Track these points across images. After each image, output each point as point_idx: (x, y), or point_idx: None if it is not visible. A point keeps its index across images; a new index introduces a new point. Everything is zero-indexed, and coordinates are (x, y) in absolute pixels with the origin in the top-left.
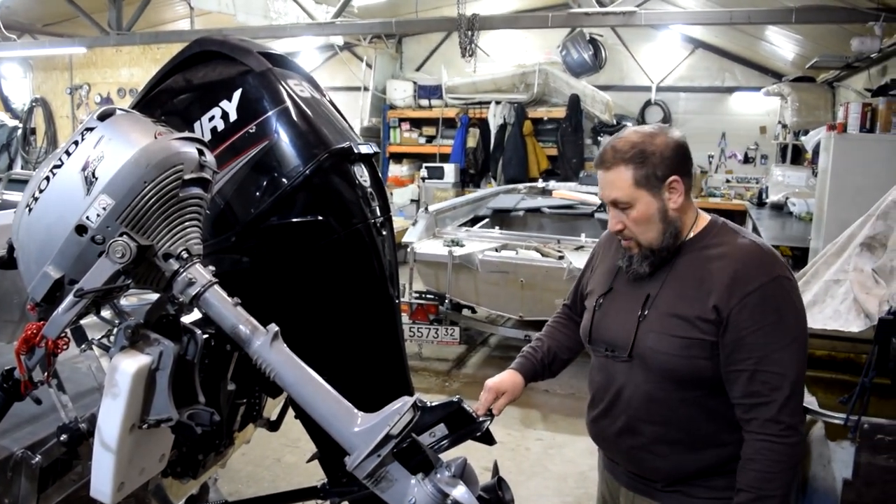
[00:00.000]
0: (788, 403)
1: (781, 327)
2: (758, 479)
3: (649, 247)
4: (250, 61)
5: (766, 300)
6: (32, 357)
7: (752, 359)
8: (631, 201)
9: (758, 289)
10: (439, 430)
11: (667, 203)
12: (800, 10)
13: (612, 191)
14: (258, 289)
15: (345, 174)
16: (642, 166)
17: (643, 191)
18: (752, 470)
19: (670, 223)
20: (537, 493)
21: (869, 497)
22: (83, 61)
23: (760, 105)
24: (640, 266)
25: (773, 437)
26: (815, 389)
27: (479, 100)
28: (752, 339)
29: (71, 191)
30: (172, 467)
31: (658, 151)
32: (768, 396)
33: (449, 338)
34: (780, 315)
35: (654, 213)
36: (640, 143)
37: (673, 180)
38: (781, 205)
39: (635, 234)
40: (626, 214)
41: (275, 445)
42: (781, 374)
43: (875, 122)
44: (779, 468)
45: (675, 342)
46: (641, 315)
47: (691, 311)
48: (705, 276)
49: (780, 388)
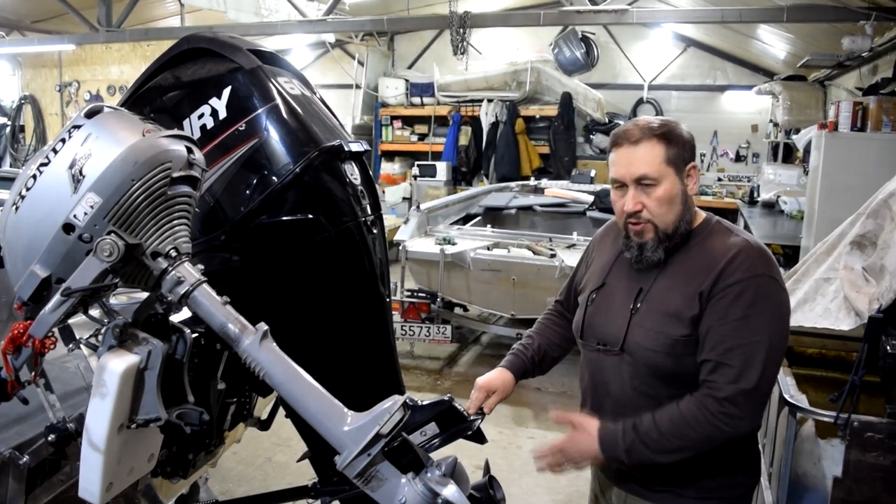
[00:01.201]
0: (742, 397)
1: (751, 323)
2: (665, 429)
3: (666, 231)
4: (240, 58)
5: (742, 295)
6: (19, 357)
7: (716, 350)
8: (659, 178)
9: (737, 283)
10: (430, 429)
11: (686, 188)
12: (791, 9)
13: (639, 166)
14: (248, 287)
15: (335, 172)
16: (673, 144)
17: (671, 169)
18: (668, 419)
19: (687, 210)
20: (529, 492)
21: (859, 494)
22: (72, 58)
23: (752, 103)
24: (655, 253)
25: (706, 410)
26: (805, 387)
27: (471, 98)
28: (721, 331)
29: (58, 189)
30: (162, 467)
31: (682, 135)
32: (722, 386)
33: (440, 336)
34: (754, 311)
35: (678, 194)
36: (667, 123)
37: (692, 166)
38: (773, 203)
39: (655, 215)
40: (648, 193)
41: (265, 445)
42: (741, 370)
43: (866, 121)
44: (691, 437)
45: (661, 339)
46: (633, 308)
47: (679, 307)
48: (696, 272)
49: (735, 381)
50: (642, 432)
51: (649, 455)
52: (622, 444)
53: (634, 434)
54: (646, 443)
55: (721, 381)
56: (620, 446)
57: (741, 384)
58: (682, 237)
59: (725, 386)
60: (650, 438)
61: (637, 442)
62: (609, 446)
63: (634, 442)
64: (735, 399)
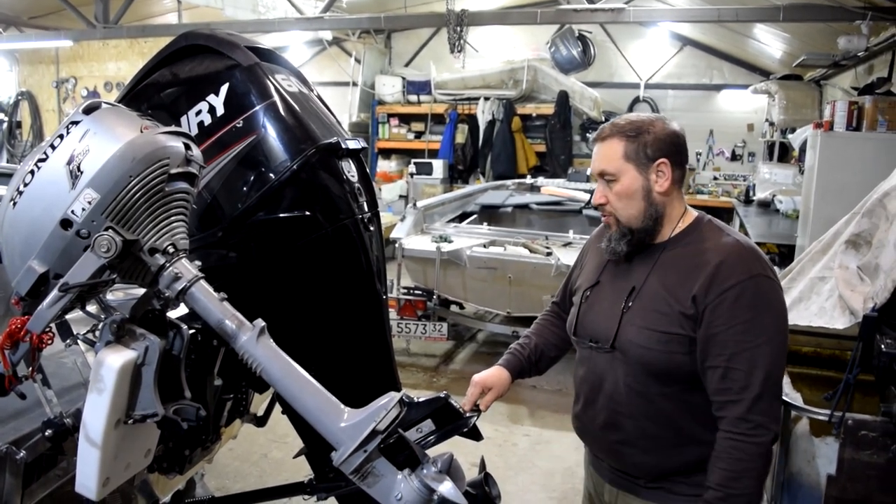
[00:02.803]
0: (758, 403)
1: (755, 326)
2: (725, 478)
3: (628, 225)
4: (238, 55)
5: (741, 297)
6: (17, 352)
7: (723, 355)
8: (617, 173)
9: (735, 286)
10: (426, 426)
11: (652, 184)
12: (787, 9)
13: (601, 162)
14: (245, 284)
15: (332, 169)
16: (634, 140)
17: (630, 165)
18: (720, 468)
19: (653, 205)
20: (524, 489)
21: (853, 492)
22: (70, 55)
23: (748, 103)
24: (618, 244)
25: (741, 436)
26: (800, 386)
27: (467, 96)
28: (725, 336)
29: (56, 185)
30: (158, 462)
31: (653, 132)
32: (738, 395)
33: (437, 334)
34: (755, 313)
35: (638, 189)
36: (637, 122)
37: (661, 162)
38: (768, 202)
39: (616, 209)
40: (610, 188)
41: (262, 441)
42: (751, 373)
43: (861, 121)
44: (746, 466)
45: (654, 336)
46: (625, 306)
47: (672, 305)
48: (688, 271)
49: (749, 386)
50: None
51: None
52: None
53: None
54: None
55: (733, 392)
56: None
57: (752, 391)
58: (647, 233)
59: (738, 400)
60: (726, 494)
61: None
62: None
63: None
64: (752, 408)
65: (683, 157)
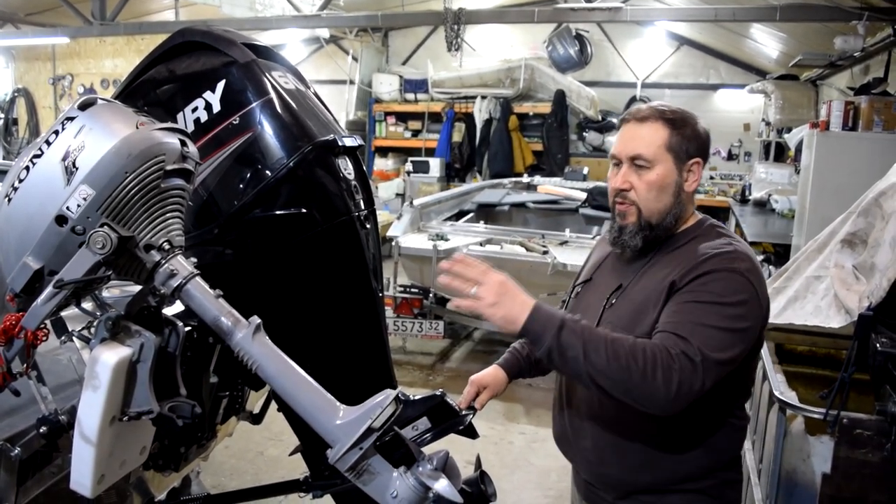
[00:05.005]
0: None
1: (717, 309)
2: (596, 343)
3: (648, 219)
4: (234, 52)
5: (711, 283)
6: (11, 348)
7: (669, 322)
8: (653, 161)
9: (710, 272)
10: (422, 424)
11: (683, 182)
12: (784, 8)
13: (637, 144)
14: (241, 281)
15: (329, 167)
16: (678, 131)
17: (670, 156)
18: (622, 341)
19: (679, 203)
20: (520, 487)
21: (847, 491)
22: (66, 51)
23: (744, 102)
24: (633, 238)
25: (656, 345)
26: (795, 384)
27: (464, 94)
28: (677, 307)
29: (51, 181)
30: (154, 460)
31: (695, 128)
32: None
33: (433, 332)
34: (722, 297)
35: (671, 184)
36: (680, 112)
37: (696, 161)
38: (764, 202)
39: (642, 198)
40: (639, 175)
41: (257, 439)
42: (687, 339)
43: (857, 121)
44: (626, 355)
45: None
46: (607, 303)
47: (649, 299)
48: (673, 270)
49: (682, 344)
50: (588, 332)
51: (578, 352)
52: (557, 321)
53: (578, 325)
54: (588, 344)
55: (669, 342)
56: (554, 322)
57: (687, 349)
58: (665, 231)
59: (672, 345)
60: (595, 337)
61: (576, 332)
62: (543, 318)
63: (573, 331)
64: (681, 360)
65: (706, 160)
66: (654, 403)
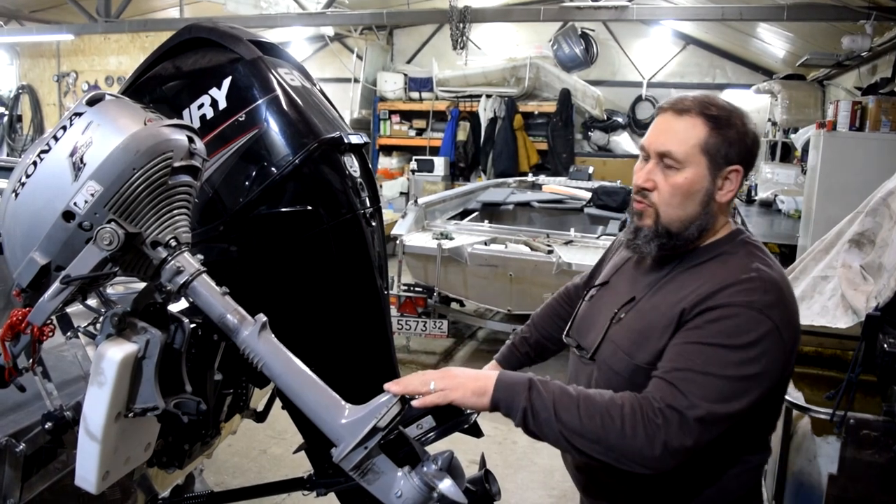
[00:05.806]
0: (670, 414)
1: (723, 353)
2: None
3: (667, 226)
4: (240, 49)
5: (721, 319)
6: (17, 344)
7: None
8: (684, 162)
9: (721, 306)
10: (426, 423)
11: (716, 190)
12: (791, 8)
13: (669, 139)
14: (247, 278)
15: (335, 164)
16: (719, 132)
17: (704, 160)
18: (594, 392)
19: (707, 214)
20: (524, 487)
21: (854, 492)
22: (71, 48)
23: (751, 102)
24: (647, 244)
25: (641, 408)
26: (801, 385)
27: (469, 93)
28: (679, 349)
29: (58, 176)
30: (158, 457)
31: (741, 130)
32: (657, 398)
33: (437, 331)
34: (730, 339)
35: (700, 191)
36: (729, 109)
37: (734, 169)
38: (770, 202)
39: (662, 202)
40: (665, 175)
41: (261, 437)
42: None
43: (864, 121)
44: (602, 414)
45: (624, 363)
46: (615, 317)
47: (654, 325)
48: (688, 294)
49: (668, 399)
50: (558, 391)
51: (550, 413)
52: (525, 381)
53: (548, 385)
54: (558, 404)
55: (655, 393)
56: (522, 384)
57: (673, 402)
58: (686, 242)
59: (659, 399)
60: (567, 399)
61: (546, 398)
62: (510, 382)
63: (540, 393)
64: (666, 414)
65: (750, 169)
66: (640, 463)
